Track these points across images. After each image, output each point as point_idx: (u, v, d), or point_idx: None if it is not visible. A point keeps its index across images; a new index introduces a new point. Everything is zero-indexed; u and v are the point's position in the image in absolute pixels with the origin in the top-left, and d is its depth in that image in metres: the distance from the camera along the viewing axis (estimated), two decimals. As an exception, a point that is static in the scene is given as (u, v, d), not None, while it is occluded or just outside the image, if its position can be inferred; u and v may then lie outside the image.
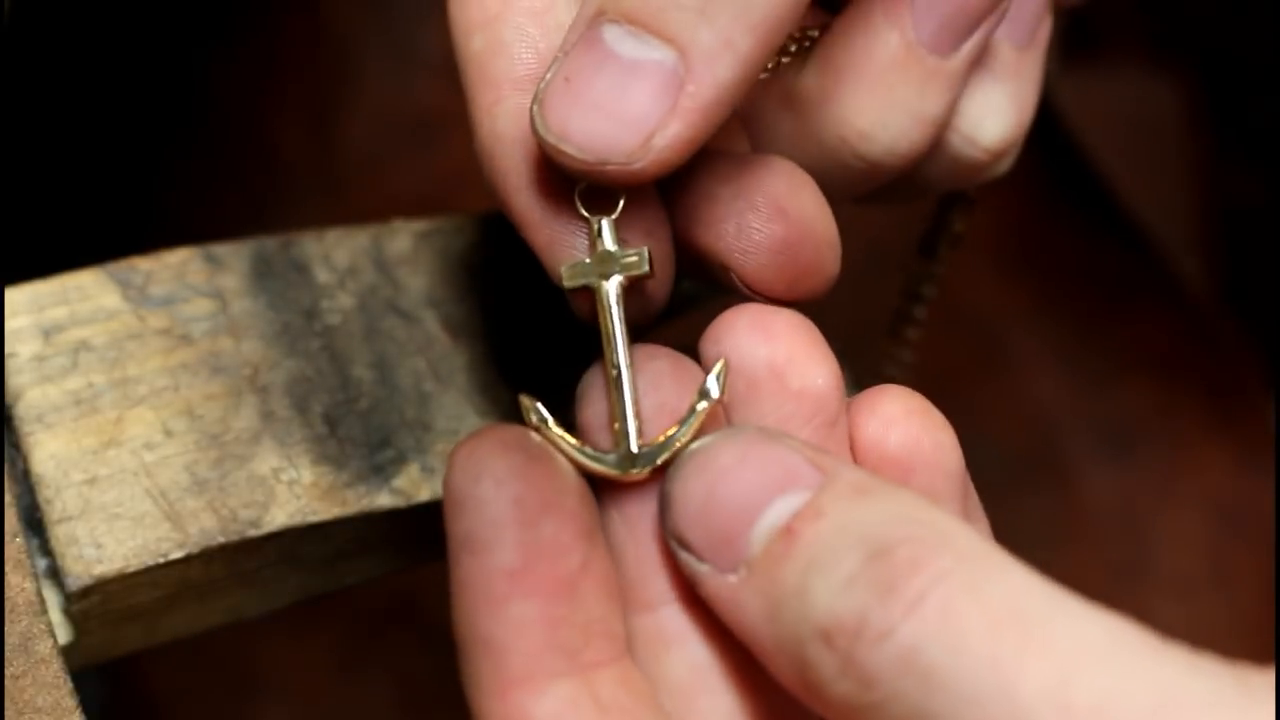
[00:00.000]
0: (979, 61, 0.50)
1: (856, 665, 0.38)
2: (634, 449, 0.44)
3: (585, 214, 0.45)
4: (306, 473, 0.49)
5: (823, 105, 0.48)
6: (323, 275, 0.52)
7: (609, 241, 0.45)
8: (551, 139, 0.43)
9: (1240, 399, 0.88)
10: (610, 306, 0.45)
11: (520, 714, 0.42)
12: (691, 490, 0.42)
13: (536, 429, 0.44)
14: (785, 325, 0.44)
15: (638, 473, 0.44)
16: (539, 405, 0.45)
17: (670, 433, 0.43)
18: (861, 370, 0.53)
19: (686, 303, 0.54)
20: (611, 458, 0.44)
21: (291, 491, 0.49)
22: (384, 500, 0.50)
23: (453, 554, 0.42)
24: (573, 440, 0.44)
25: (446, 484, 0.43)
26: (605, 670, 0.43)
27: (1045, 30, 0.52)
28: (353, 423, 0.50)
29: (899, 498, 0.40)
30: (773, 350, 0.44)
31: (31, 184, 0.89)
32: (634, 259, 0.45)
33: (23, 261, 0.55)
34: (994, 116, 0.51)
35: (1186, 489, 0.85)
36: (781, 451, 0.42)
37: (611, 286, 0.45)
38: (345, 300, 0.52)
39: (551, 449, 0.43)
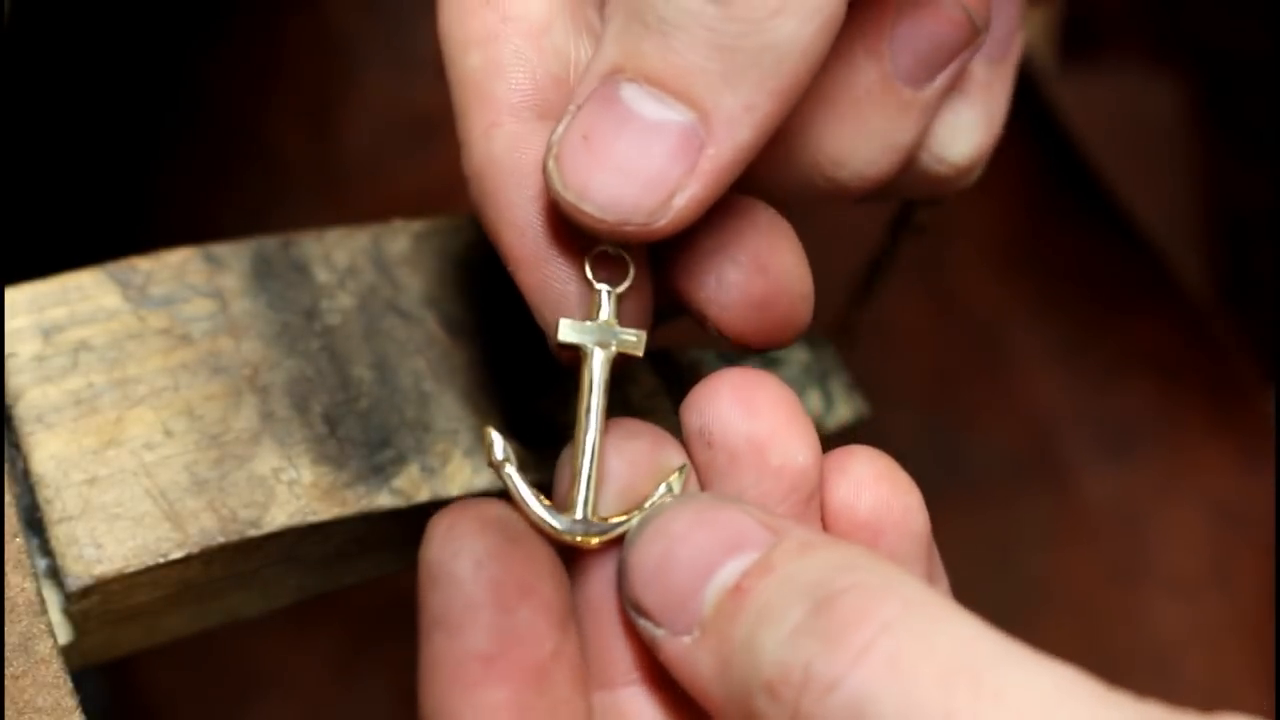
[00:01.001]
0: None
1: (803, 717, 0.38)
2: (585, 515, 0.44)
3: (594, 283, 0.45)
4: (306, 473, 0.49)
5: (797, 131, 0.48)
6: (323, 275, 0.52)
7: (606, 311, 0.45)
8: (570, 197, 0.43)
9: (1240, 399, 0.88)
10: (595, 378, 0.45)
11: None
12: (646, 556, 0.42)
13: (496, 467, 0.44)
14: (768, 400, 0.44)
15: (583, 540, 0.44)
16: (502, 442, 0.45)
17: (627, 515, 0.44)
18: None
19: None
20: (563, 520, 0.44)
21: (291, 491, 0.49)
22: (384, 500, 0.50)
23: (424, 630, 0.43)
24: (529, 492, 0.44)
25: (423, 557, 0.43)
26: None
27: (1018, 44, 0.52)
28: (353, 423, 0.50)
29: (845, 550, 0.40)
30: (755, 426, 0.44)
31: (32, 184, 0.89)
32: (632, 339, 0.45)
33: (23, 261, 0.55)
34: (964, 136, 0.51)
35: (1186, 489, 0.85)
36: (733, 514, 0.42)
37: (601, 358, 0.45)
38: (345, 300, 0.52)
39: (526, 523, 0.44)
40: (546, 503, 0.44)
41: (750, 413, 0.44)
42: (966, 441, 0.85)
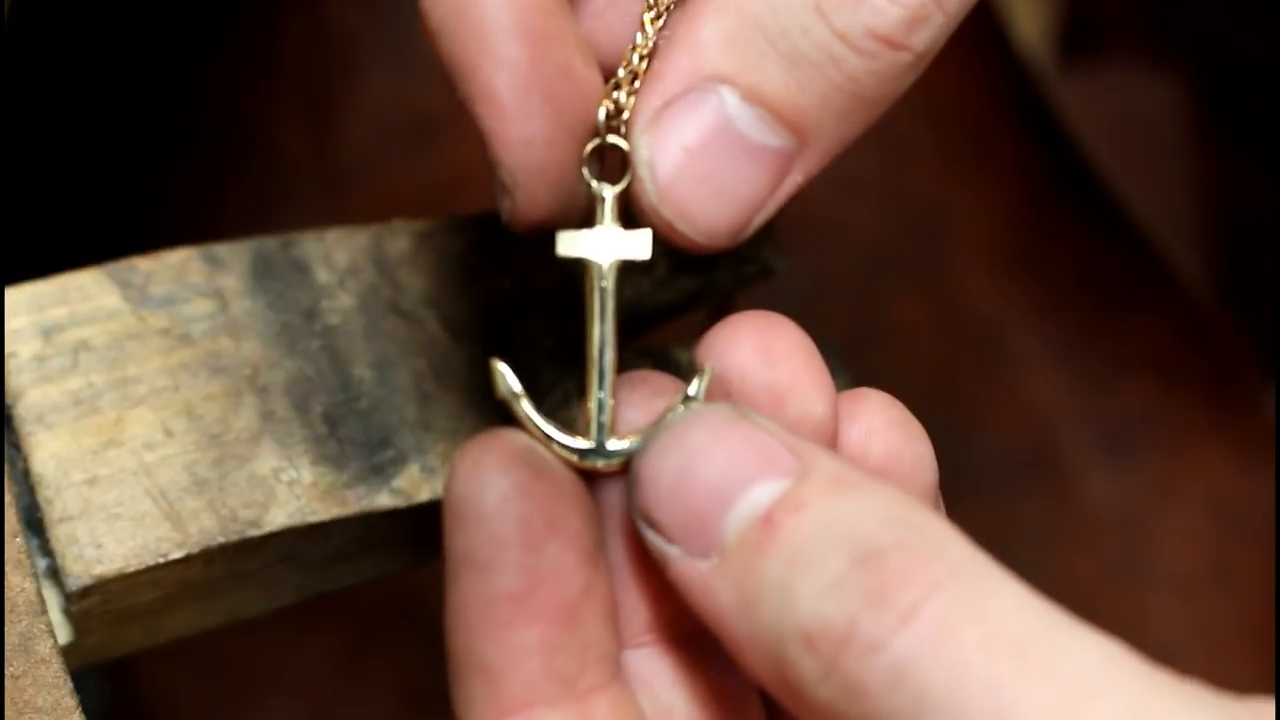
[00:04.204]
0: None
1: (842, 673, 0.37)
2: (603, 438, 0.43)
3: (592, 183, 0.43)
4: (306, 473, 0.50)
5: None
6: (323, 275, 0.52)
7: (609, 215, 0.43)
8: (667, 214, 0.42)
9: (1240, 399, 0.88)
10: (602, 288, 0.43)
11: None
12: (663, 469, 0.41)
13: (507, 401, 0.43)
14: (787, 349, 0.43)
15: (604, 464, 0.42)
16: (509, 375, 0.43)
17: (645, 432, 0.42)
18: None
19: (686, 303, 0.54)
20: (579, 444, 0.43)
21: (291, 491, 0.49)
22: (384, 500, 0.50)
23: (451, 569, 0.41)
24: (543, 420, 0.43)
25: (447, 493, 0.42)
26: (599, 696, 0.42)
27: None
28: (353, 423, 0.50)
29: (883, 495, 0.39)
30: (774, 375, 0.42)
31: (32, 184, 0.89)
32: (639, 243, 0.43)
33: (23, 261, 0.55)
34: None
35: (1186, 489, 0.85)
36: (758, 434, 0.40)
37: (609, 268, 0.43)
38: (345, 300, 0.52)
39: (547, 454, 0.42)
40: (561, 436, 0.43)
41: (770, 361, 0.42)
42: (966, 441, 0.85)
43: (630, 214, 0.44)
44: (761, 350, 0.43)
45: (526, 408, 0.43)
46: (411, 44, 0.88)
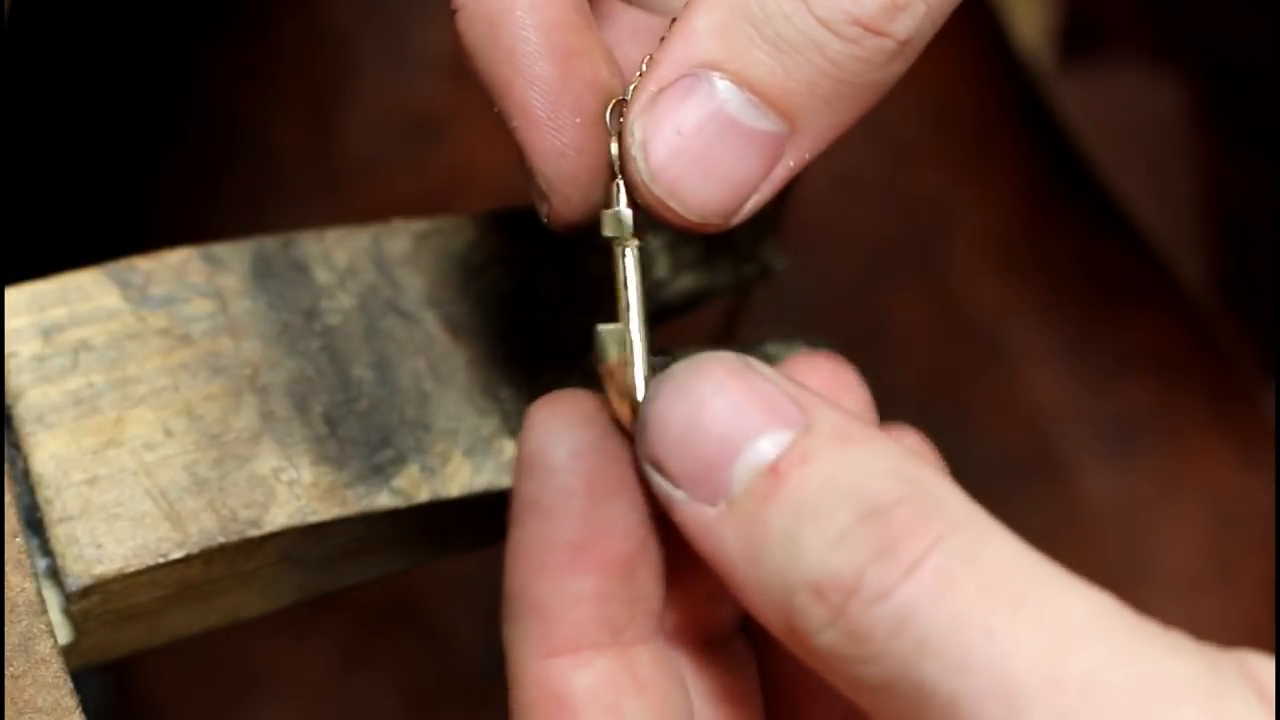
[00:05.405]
0: None
1: (848, 620, 0.39)
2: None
3: (619, 174, 0.45)
4: (306, 473, 0.49)
5: None
6: (323, 275, 0.52)
7: (622, 200, 0.45)
8: (658, 191, 0.43)
9: (1240, 398, 0.88)
10: (630, 269, 0.45)
11: (560, 682, 0.43)
12: (671, 414, 0.42)
13: (608, 369, 0.44)
14: (851, 401, 0.45)
15: None
16: (613, 338, 0.44)
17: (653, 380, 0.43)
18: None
19: (686, 303, 0.54)
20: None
21: (291, 491, 0.49)
22: (384, 500, 0.50)
23: (516, 514, 0.44)
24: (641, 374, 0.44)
25: (521, 442, 0.44)
26: (643, 648, 0.44)
27: None
28: (353, 423, 0.50)
29: (885, 450, 0.41)
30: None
31: (31, 184, 0.89)
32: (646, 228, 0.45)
33: (23, 261, 0.55)
34: None
35: (1187, 489, 0.85)
36: (764, 384, 0.42)
37: (632, 250, 0.45)
38: (345, 300, 0.52)
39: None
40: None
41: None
42: (966, 441, 0.85)
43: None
44: (827, 390, 0.45)
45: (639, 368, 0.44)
46: (411, 44, 0.88)
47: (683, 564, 0.44)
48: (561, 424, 0.43)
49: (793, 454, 0.41)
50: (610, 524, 0.43)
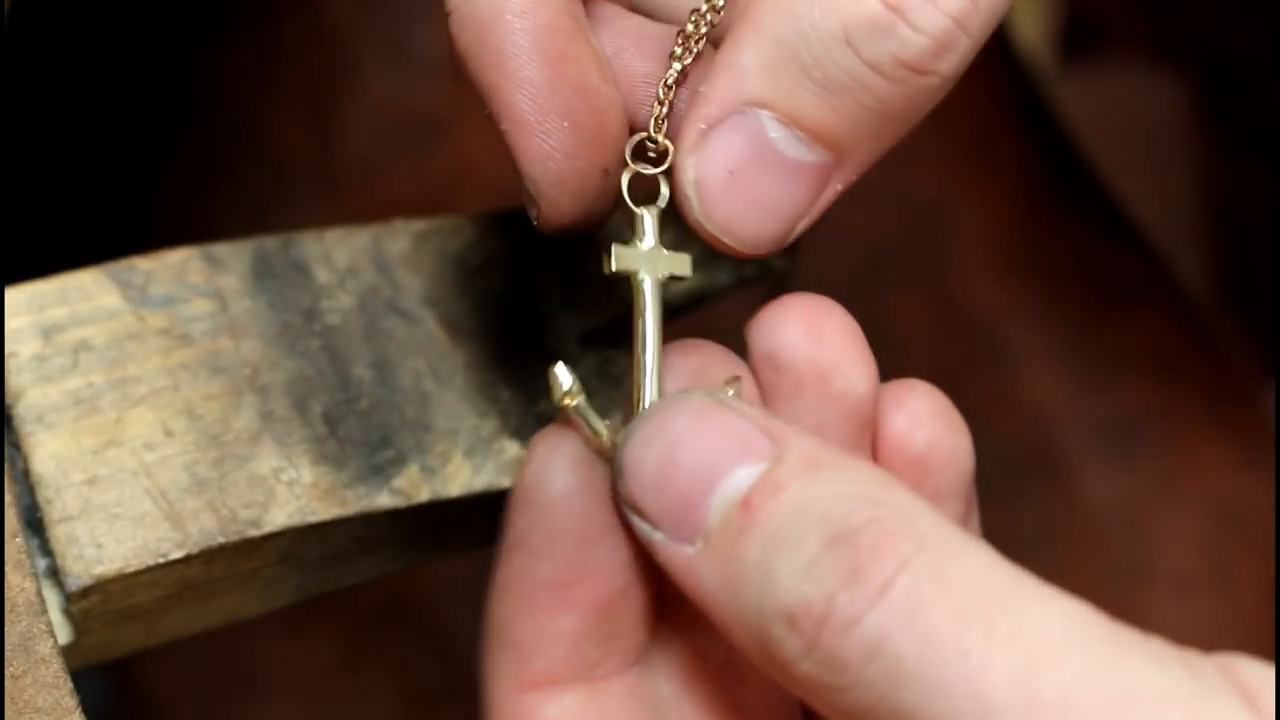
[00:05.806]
0: None
1: (823, 649, 0.39)
2: None
3: (634, 207, 0.45)
4: (306, 473, 0.49)
5: None
6: (323, 275, 0.52)
7: (650, 233, 0.45)
8: (712, 229, 0.44)
9: (1240, 399, 0.88)
10: (648, 304, 0.45)
11: (532, 715, 0.43)
12: (646, 456, 0.42)
13: (564, 399, 0.44)
14: (836, 329, 0.45)
15: None
16: (570, 377, 0.44)
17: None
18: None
19: (687, 303, 0.54)
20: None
21: (291, 491, 0.49)
22: (384, 500, 0.50)
23: (506, 546, 0.44)
24: (597, 421, 0.44)
25: (520, 475, 0.44)
26: (615, 681, 0.44)
27: None
28: (353, 423, 0.50)
29: (854, 473, 0.41)
30: (819, 353, 0.44)
31: (31, 184, 0.89)
32: (681, 261, 0.45)
33: (23, 261, 0.55)
34: None
35: (1186, 489, 0.85)
36: (734, 419, 0.42)
37: (652, 285, 0.45)
38: (345, 300, 0.52)
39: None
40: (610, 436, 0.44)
41: (818, 340, 0.44)
42: (966, 441, 0.85)
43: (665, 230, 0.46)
44: (810, 330, 0.45)
45: (588, 413, 0.44)
46: (411, 44, 0.88)
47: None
48: (560, 458, 0.43)
49: (764, 486, 0.41)
50: (595, 565, 0.43)
